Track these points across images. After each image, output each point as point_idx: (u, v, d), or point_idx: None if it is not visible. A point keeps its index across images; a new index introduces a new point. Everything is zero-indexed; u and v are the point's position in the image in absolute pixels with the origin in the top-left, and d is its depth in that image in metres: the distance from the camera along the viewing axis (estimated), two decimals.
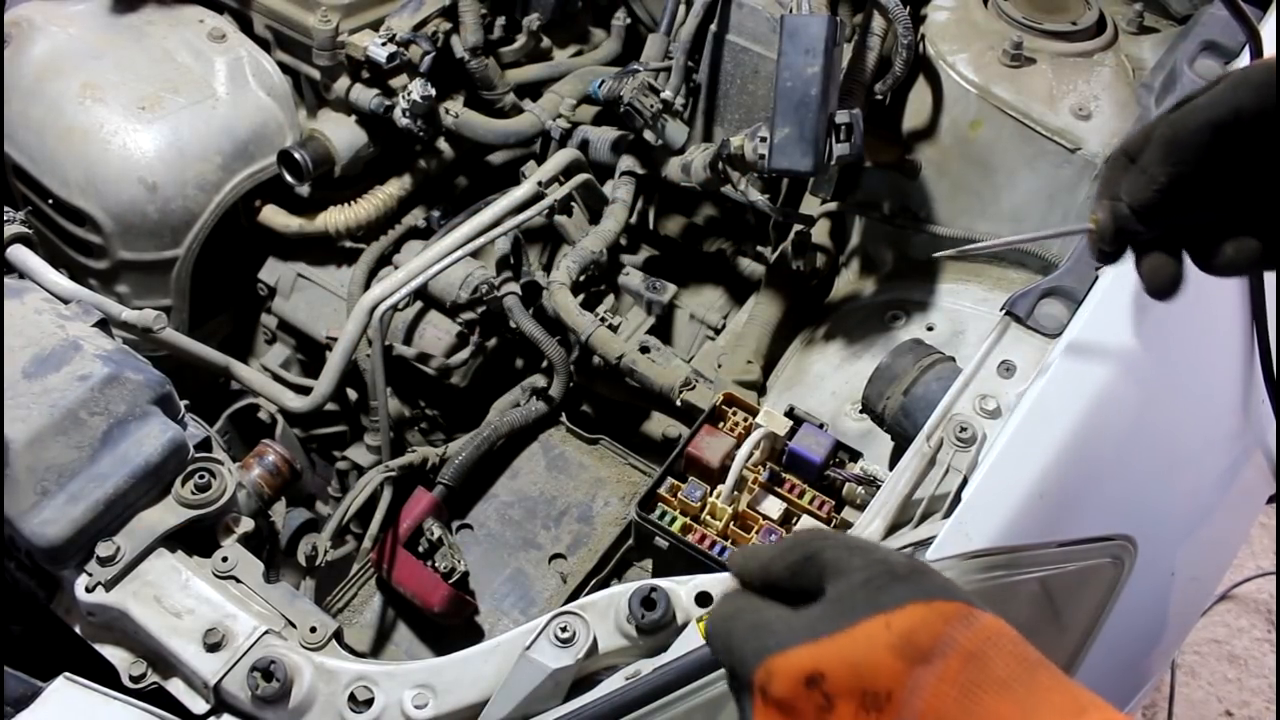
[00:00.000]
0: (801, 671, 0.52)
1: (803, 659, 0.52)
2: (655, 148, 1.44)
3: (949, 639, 0.51)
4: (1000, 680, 0.50)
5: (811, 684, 0.51)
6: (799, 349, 1.41)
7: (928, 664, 0.50)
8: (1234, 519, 1.20)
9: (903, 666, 0.50)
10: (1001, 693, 0.49)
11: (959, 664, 0.50)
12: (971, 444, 0.85)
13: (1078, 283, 0.95)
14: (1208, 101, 0.65)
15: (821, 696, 0.51)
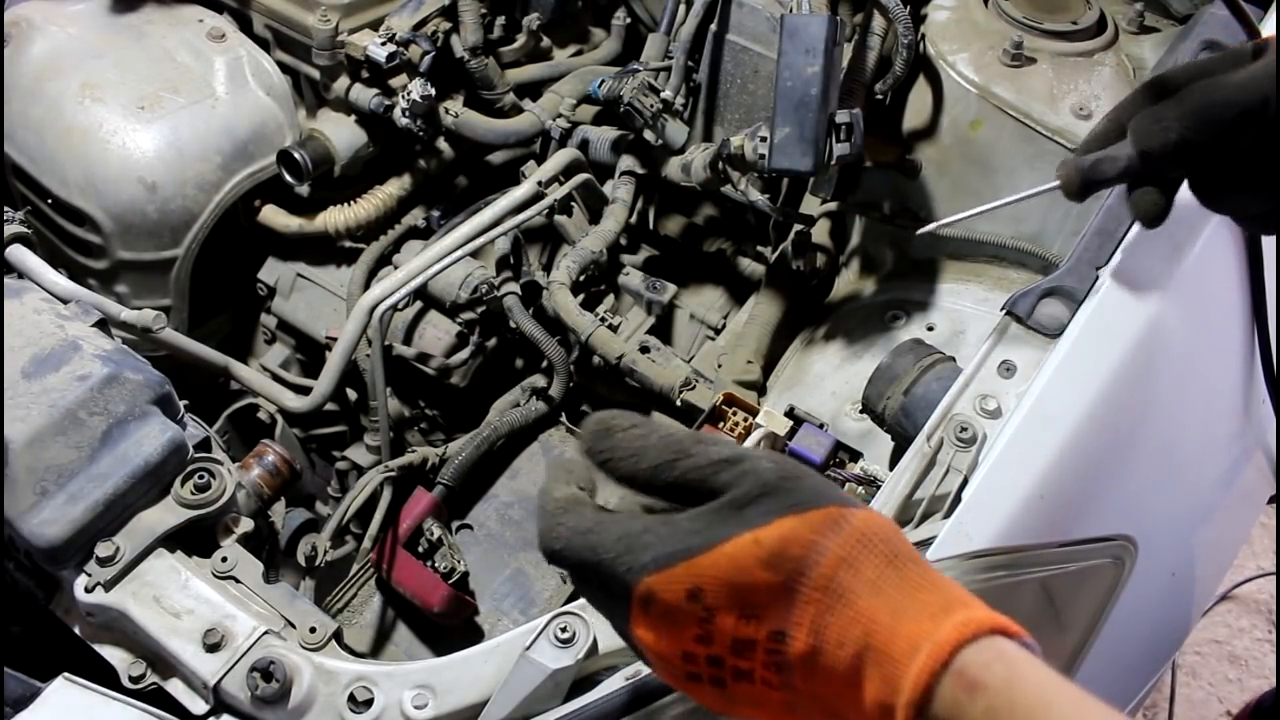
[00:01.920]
0: (683, 588, 0.53)
1: (681, 576, 0.53)
2: (655, 148, 1.44)
3: (820, 547, 0.53)
4: (870, 582, 0.52)
5: (693, 598, 0.53)
6: (799, 349, 1.41)
7: (801, 574, 0.52)
8: (1234, 519, 1.20)
9: (777, 580, 0.52)
10: (873, 595, 0.52)
11: (830, 570, 0.52)
12: (972, 444, 0.85)
13: (1078, 283, 0.95)
14: (1244, 82, 0.68)
15: (702, 609, 0.53)
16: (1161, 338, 0.94)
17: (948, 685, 0.49)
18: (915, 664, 0.49)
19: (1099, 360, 0.89)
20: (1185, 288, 0.96)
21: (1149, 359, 0.92)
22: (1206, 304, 1.01)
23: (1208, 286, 1.01)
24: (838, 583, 0.52)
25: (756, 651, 0.54)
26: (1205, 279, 1.00)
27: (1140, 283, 0.94)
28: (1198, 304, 0.99)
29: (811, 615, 0.52)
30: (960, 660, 0.49)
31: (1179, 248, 0.97)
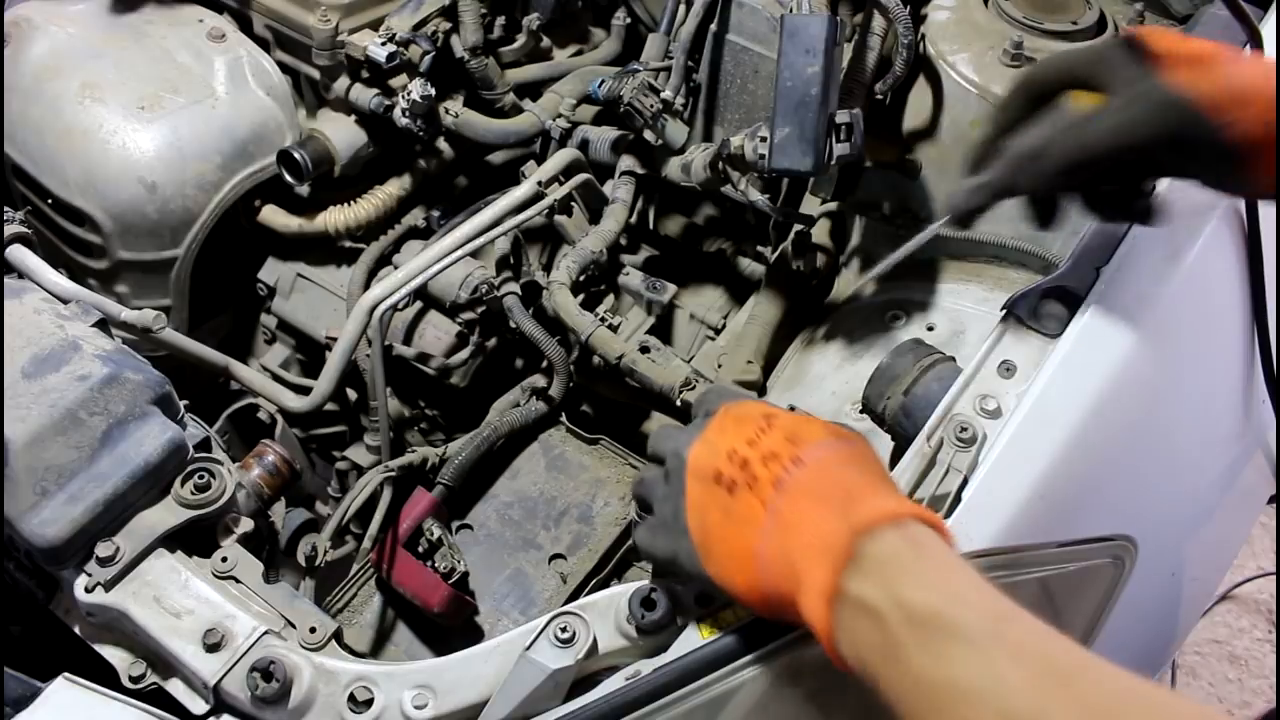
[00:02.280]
0: (762, 411, 0.76)
1: (765, 407, 0.78)
2: (655, 148, 1.44)
3: (852, 439, 0.75)
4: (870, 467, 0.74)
5: (767, 417, 0.75)
6: (799, 349, 1.41)
7: (836, 439, 0.74)
8: (1234, 519, 1.21)
9: (822, 434, 0.74)
10: (861, 471, 0.73)
11: (849, 446, 0.74)
12: (972, 444, 0.85)
13: (1079, 283, 0.95)
14: (1116, 124, 0.74)
15: (766, 423, 0.75)
16: (1162, 338, 0.94)
17: (892, 535, 0.65)
18: (875, 511, 0.66)
19: (1099, 360, 0.89)
20: (1185, 288, 0.96)
21: (1149, 359, 0.92)
22: (1207, 304, 1.01)
23: (1208, 286, 1.01)
24: (846, 454, 0.72)
25: (778, 463, 0.71)
26: (1205, 279, 1.00)
27: (1141, 283, 0.94)
28: (1198, 304, 0.99)
29: (823, 457, 0.71)
30: (911, 526, 0.66)
31: (1179, 248, 0.97)
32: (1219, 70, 0.72)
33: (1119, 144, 0.74)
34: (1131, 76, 0.74)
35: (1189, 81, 0.72)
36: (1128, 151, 0.74)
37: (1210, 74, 0.72)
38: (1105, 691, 0.57)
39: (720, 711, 0.77)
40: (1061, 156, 0.77)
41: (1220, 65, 0.72)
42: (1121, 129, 0.74)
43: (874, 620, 0.63)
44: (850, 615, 0.64)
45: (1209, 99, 0.71)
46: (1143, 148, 0.74)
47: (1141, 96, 0.73)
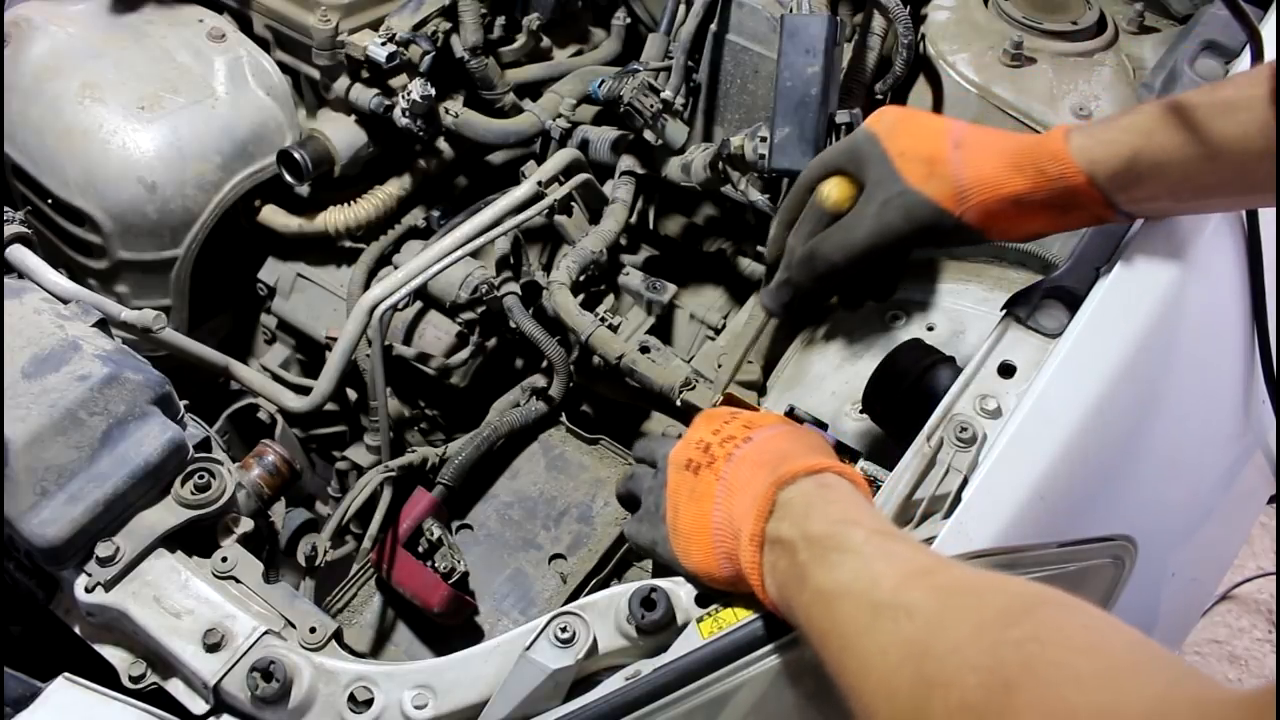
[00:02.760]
0: (730, 410, 0.92)
1: (732, 408, 0.94)
2: (655, 148, 1.44)
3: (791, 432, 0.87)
4: (801, 439, 0.86)
5: (731, 413, 0.89)
6: (799, 349, 1.41)
7: (778, 424, 0.88)
8: (1234, 519, 1.21)
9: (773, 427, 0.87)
10: (793, 442, 0.85)
11: (784, 432, 0.86)
12: (971, 444, 0.85)
13: (1078, 283, 0.95)
14: (874, 227, 0.88)
15: (730, 416, 0.89)
16: (1161, 338, 0.94)
17: (807, 482, 0.77)
18: (798, 464, 0.78)
19: (1099, 360, 0.89)
20: (1185, 288, 0.96)
21: (1149, 359, 0.92)
22: (1206, 304, 1.01)
23: (1208, 286, 1.01)
24: (791, 433, 0.86)
25: (732, 442, 0.83)
26: (1205, 279, 1.00)
27: (1140, 283, 0.94)
28: (1198, 304, 0.99)
29: (769, 434, 0.84)
30: (825, 475, 0.78)
31: (1179, 248, 0.97)
32: (947, 172, 0.87)
33: (876, 243, 0.89)
34: (880, 175, 0.89)
35: (924, 180, 0.87)
36: (884, 245, 0.89)
37: (941, 176, 0.87)
38: (957, 577, 0.64)
39: (720, 711, 0.77)
40: (831, 259, 0.91)
41: (946, 167, 0.87)
42: (878, 230, 0.88)
43: (788, 553, 0.73)
44: (770, 554, 0.75)
45: (943, 196, 0.87)
46: (900, 239, 0.89)
47: (895, 199, 0.88)
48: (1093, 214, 0.87)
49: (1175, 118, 0.82)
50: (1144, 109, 0.85)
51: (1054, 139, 0.86)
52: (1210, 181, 0.83)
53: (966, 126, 0.91)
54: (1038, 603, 0.59)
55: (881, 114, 0.93)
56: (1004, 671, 0.54)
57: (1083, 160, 0.84)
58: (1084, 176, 0.84)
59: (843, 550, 0.68)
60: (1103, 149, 0.84)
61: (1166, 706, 0.48)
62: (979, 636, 0.57)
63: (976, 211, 0.87)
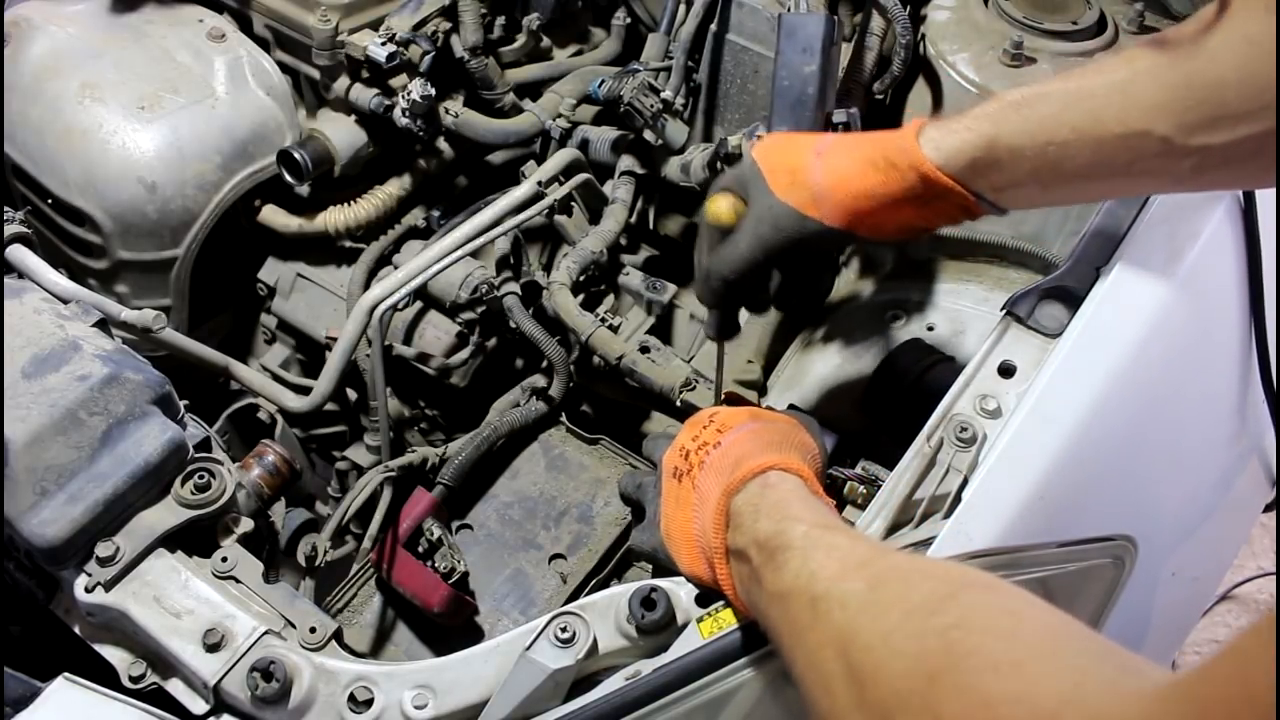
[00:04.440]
0: (709, 413, 0.92)
1: (711, 411, 0.93)
2: (655, 148, 1.44)
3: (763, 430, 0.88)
4: (767, 440, 0.87)
5: (710, 418, 0.91)
6: (799, 349, 1.41)
7: (749, 424, 0.89)
8: (1234, 519, 1.21)
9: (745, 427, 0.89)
10: (753, 441, 0.86)
11: (759, 433, 0.87)
12: (972, 444, 0.85)
13: (1079, 283, 0.95)
14: (751, 240, 0.91)
15: (708, 420, 0.90)
16: (1161, 338, 0.94)
17: (754, 485, 0.80)
18: (742, 470, 0.81)
19: (1099, 360, 0.89)
20: (1185, 288, 0.96)
21: (1149, 359, 0.92)
22: (1206, 304, 1.01)
23: (1208, 287, 1.01)
24: (755, 431, 0.87)
25: (706, 449, 0.86)
26: (1205, 279, 1.00)
27: (1140, 283, 0.94)
28: (1198, 304, 0.99)
29: (734, 438, 0.86)
30: (769, 474, 0.80)
31: (1179, 248, 0.97)
32: (806, 179, 0.90)
33: (755, 254, 0.92)
34: (756, 191, 0.92)
35: (787, 190, 0.90)
36: (763, 257, 0.92)
37: (801, 183, 0.90)
38: (890, 565, 0.66)
39: (720, 711, 0.77)
40: (721, 274, 0.95)
41: (806, 174, 0.90)
42: (754, 243, 0.92)
43: (745, 561, 0.75)
44: (734, 565, 0.78)
45: (802, 202, 0.90)
46: (774, 249, 0.91)
47: (765, 212, 0.91)
48: (955, 204, 0.87)
49: (1027, 106, 0.84)
50: (997, 98, 0.86)
51: (905, 133, 0.87)
52: (1070, 168, 0.83)
53: (834, 137, 0.94)
54: (962, 587, 0.60)
55: (765, 140, 0.98)
56: (927, 660, 0.54)
57: (932, 150, 0.85)
58: (933, 166, 0.85)
59: (786, 549, 0.70)
60: (954, 139, 0.85)
61: (1081, 691, 0.48)
62: (905, 624, 0.58)
63: (836, 211, 0.89)
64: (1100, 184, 0.87)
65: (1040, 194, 0.88)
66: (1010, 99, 0.85)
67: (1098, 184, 0.87)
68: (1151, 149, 0.79)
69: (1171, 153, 0.79)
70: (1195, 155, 0.78)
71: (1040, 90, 0.84)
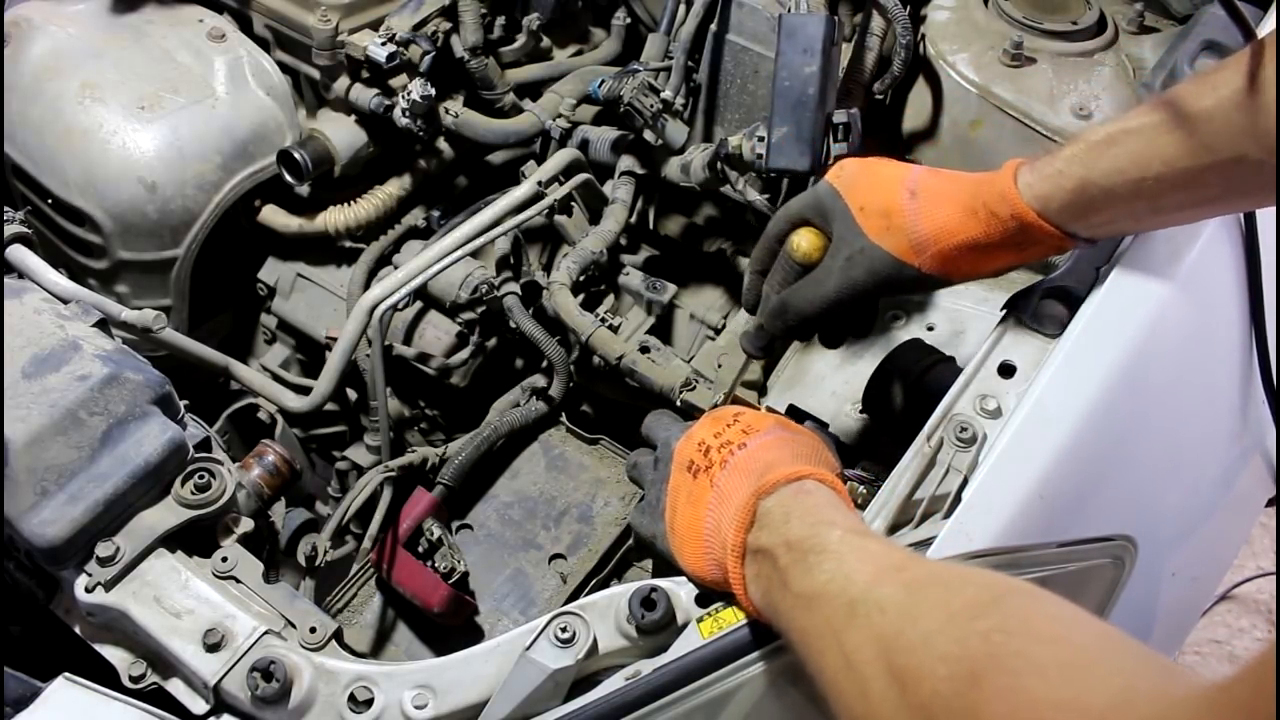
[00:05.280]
0: (733, 411, 0.90)
1: (736, 408, 0.93)
2: (655, 148, 1.44)
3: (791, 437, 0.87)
4: (791, 448, 0.85)
5: (736, 415, 0.89)
6: (799, 349, 1.41)
7: (777, 429, 0.88)
8: (1234, 519, 1.21)
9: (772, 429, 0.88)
10: (782, 449, 0.85)
11: (783, 437, 0.86)
12: (972, 444, 0.85)
13: (1079, 282, 0.95)
14: (841, 282, 0.92)
15: (733, 418, 0.88)
16: (1161, 338, 0.94)
17: (786, 490, 0.78)
18: (776, 474, 0.79)
19: (1099, 360, 0.89)
20: (1185, 288, 0.96)
21: (1149, 359, 0.92)
22: (1206, 304, 1.01)
23: (1208, 287, 1.01)
24: (782, 439, 0.85)
25: (729, 448, 0.84)
26: (1205, 280, 1.00)
27: (1140, 283, 0.94)
28: (1198, 304, 0.99)
29: (762, 441, 0.84)
30: (804, 482, 0.79)
31: (1179, 249, 0.97)
32: (904, 224, 0.89)
33: (843, 296, 0.93)
34: (844, 230, 0.92)
35: (882, 234, 0.90)
36: (849, 298, 0.93)
37: (898, 228, 0.89)
38: (928, 571, 0.65)
39: (720, 711, 0.77)
40: (801, 312, 0.95)
41: (902, 218, 0.89)
42: (844, 285, 0.92)
43: (769, 560, 0.74)
44: (752, 564, 0.76)
45: (901, 250, 0.90)
46: (864, 292, 0.92)
47: (858, 255, 0.91)
48: (1052, 246, 0.88)
49: (1115, 145, 0.83)
50: (1085, 136, 0.86)
51: (1003, 179, 0.87)
52: (1165, 202, 0.83)
53: (921, 173, 0.92)
54: (1005, 593, 0.59)
55: (842, 166, 0.96)
56: (971, 663, 0.54)
57: (1031, 197, 0.85)
58: (1034, 214, 0.85)
59: (820, 551, 0.69)
60: (1049, 184, 0.85)
61: (1129, 697, 0.48)
62: (947, 628, 0.57)
63: (935, 260, 0.89)
64: (1195, 210, 0.87)
65: (1134, 226, 0.89)
66: (1097, 137, 0.84)
67: (1192, 211, 0.87)
68: (1245, 174, 0.79)
69: (1264, 175, 0.78)
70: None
71: (1126, 126, 0.83)
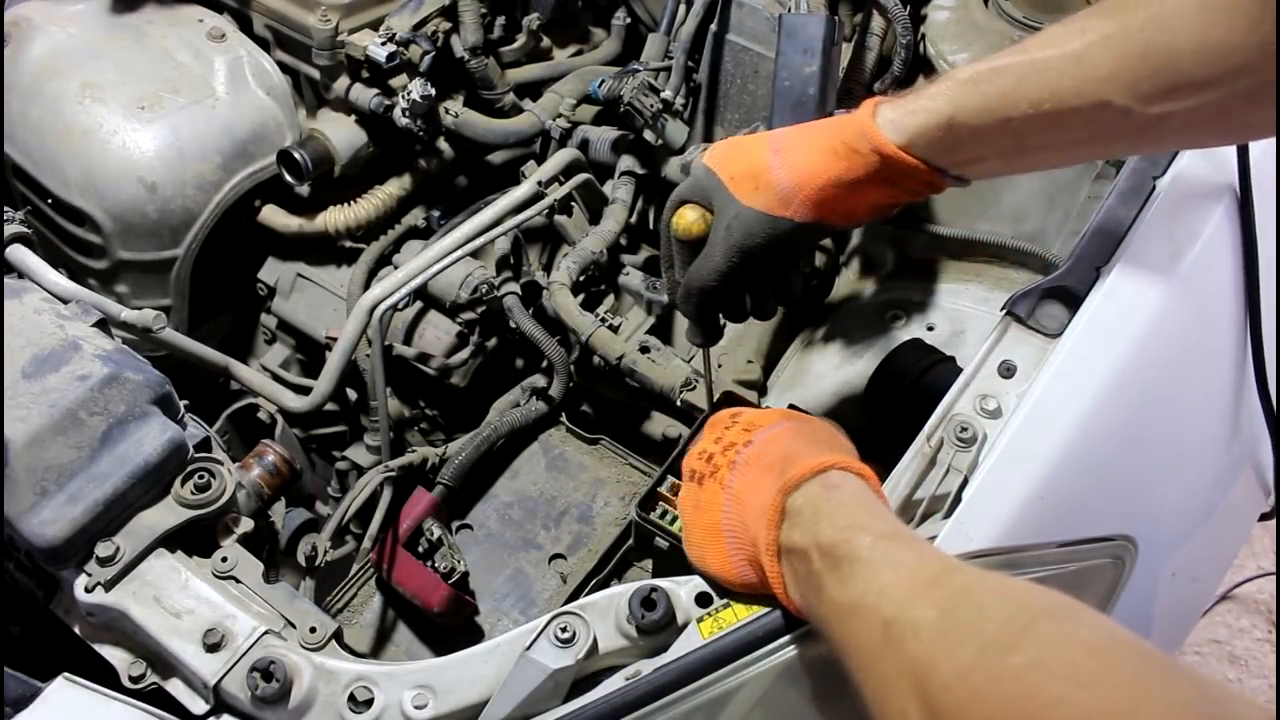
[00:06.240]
0: (730, 413, 0.93)
1: (733, 410, 0.95)
2: (655, 148, 1.44)
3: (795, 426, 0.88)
4: (806, 439, 0.86)
5: (733, 417, 0.91)
6: (799, 349, 1.41)
7: (781, 422, 0.89)
8: (1234, 519, 1.20)
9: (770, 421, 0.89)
10: (795, 439, 0.86)
11: (789, 430, 0.87)
12: (972, 444, 0.85)
13: (1079, 283, 0.95)
14: (725, 248, 0.91)
15: (730, 421, 0.91)
16: (1161, 338, 0.94)
17: (813, 484, 0.77)
18: (801, 468, 0.77)
19: (1099, 360, 0.89)
20: (1185, 288, 0.96)
21: (1149, 360, 0.92)
22: (1206, 304, 1.01)
23: (1208, 286, 1.01)
24: (793, 429, 0.86)
25: (734, 449, 0.85)
26: (1205, 279, 1.00)
27: (1140, 283, 0.94)
28: (1198, 304, 0.99)
29: (770, 435, 0.85)
30: (830, 474, 0.77)
31: (1179, 249, 0.97)
32: (770, 180, 0.89)
33: (732, 263, 0.91)
34: (721, 201, 0.91)
35: (751, 195, 0.90)
36: (739, 263, 0.91)
37: (765, 185, 0.89)
38: (961, 587, 0.64)
39: (720, 711, 0.77)
40: (699, 286, 0.94)
41: (768, 175, 0.89)
42: (728, 251, 0.91)
43: (803, 561, 0.73)
44: (789, 562, 0.75)
45: (770, 205, 0.89)
46: (749, 254, 0.91)
47: (733, 220, 0.90)
48: (920, 180, 0.87)
49: (982, 82, 0.82)
50: (951, 75, 0.85)
51: (861, 115, 0.86)
52: (1032, 142, 0.83)
53: (785, 131, 0.93)
54: (1039, 615, 0.58)
55: (714, 147, 0.96)
56: (1010, 708, 0.53)
57: (892, 131, 0.85)
58: (894, 145, 0.84)
59: (853, 560, 0.68)
60: (912, 119, 0.84)
61: None
62: (982, 660, 0.56)
63: (805, 207, 0.89)
64: (1061, 153, 0.87)
65: (1004, 165, 0.88)
66: (964, 75, 0.84)
67: (1059, 153, 0.86)
68: (1110, 119, 0.78)
69: (1131, 121, 0.78)
70: (1155, 123, 0.77)
71: (994, 65, 0.83)
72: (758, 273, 0.95)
